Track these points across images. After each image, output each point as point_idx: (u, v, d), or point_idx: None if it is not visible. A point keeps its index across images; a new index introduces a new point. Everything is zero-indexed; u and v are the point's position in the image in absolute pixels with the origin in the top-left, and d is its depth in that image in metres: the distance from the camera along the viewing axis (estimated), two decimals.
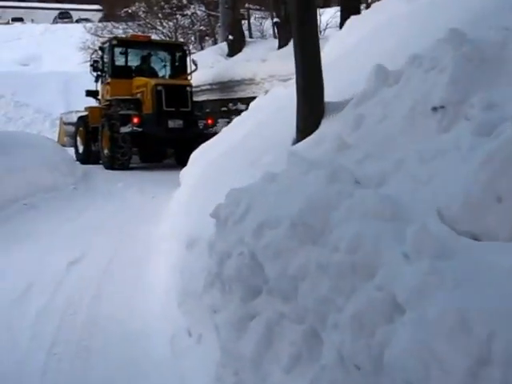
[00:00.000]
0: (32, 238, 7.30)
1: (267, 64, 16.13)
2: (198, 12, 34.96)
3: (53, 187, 10.54)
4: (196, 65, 15.92)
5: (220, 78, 17.76)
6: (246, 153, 5.07)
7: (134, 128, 14.13)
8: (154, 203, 9.37)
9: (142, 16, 37.97)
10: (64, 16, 67.68)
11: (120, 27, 37.57)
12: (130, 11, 39.79)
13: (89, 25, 47.77)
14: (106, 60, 16.40)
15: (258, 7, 32.64)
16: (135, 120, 14.14)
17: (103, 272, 5.79)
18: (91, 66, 16.57)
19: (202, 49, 32.41)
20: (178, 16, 36.19)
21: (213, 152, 6.56)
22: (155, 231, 7.17)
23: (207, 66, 18.19)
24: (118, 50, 16.37)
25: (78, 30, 47.63)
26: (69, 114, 19.50)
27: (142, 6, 39.30)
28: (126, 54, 16.55)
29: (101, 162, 15.27)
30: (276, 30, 21.19)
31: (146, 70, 16.23)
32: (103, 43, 17.85)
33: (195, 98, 15.74)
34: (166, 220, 7.46)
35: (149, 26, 36.98)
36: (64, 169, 11.54)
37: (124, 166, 14.60)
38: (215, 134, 16.75)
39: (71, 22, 64.26)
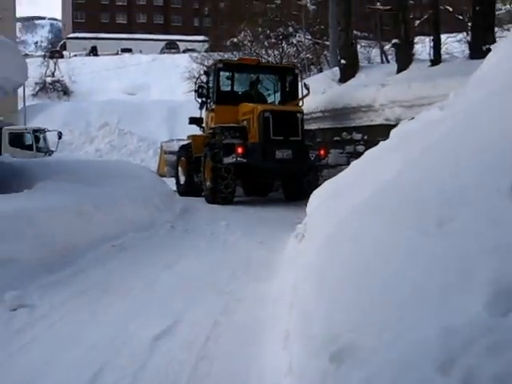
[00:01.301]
0: (115, 292, 5.90)
1: (387, 89, 14.39)
2: (304, 40, 34.16)
3: (147, 225, 9.24)
4: (308, 89, 14.54)
5: (333, 105, 16.17)
6: (411, 205, 3.40)
7: (238, 159, 13.06)
8: (263, 250, 7.80)
9: (248, 45, 37.65)
10: (171, 46, 69.37)
11: (225, 56, 37.65)
12: (235, 41, 39.66)
13: (195, 54, 48.07)
14: (211, 85, 15.42)
15: (365, 34, 31.24)
16: (239, 150, 13.05)
17: (198, 357, 4.23)
18: (195, 91, 15.64)
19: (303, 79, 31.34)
20: (283, 45, 35.51)
21: (348, 196, 4.88)
22: (268, 293, 5.58)
23: (318, 92, 16.69)
24: (223, 75, 15.49)
25: (184, 59, 48.05)
26: (170, 143, 18.97)
27: (247, 35, 39.01)
28: (232, 78, 15.71)
29: (203, 194, 14.18)
30: (392, 53, 19.56)
31: (253, 95, 15.11)
32: (208, 67, 16.84)
33: (305, 127, 14.21)
34: (281, 278, 5.88)
35: (254, 54, 36.73)
36: (161, 203, 10.26)
37: (227, 200, 13.45)
38: (327, 166, 15.44)
39: (178, 52, 65.40)
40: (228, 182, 13.28)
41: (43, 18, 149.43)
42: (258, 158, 13.09)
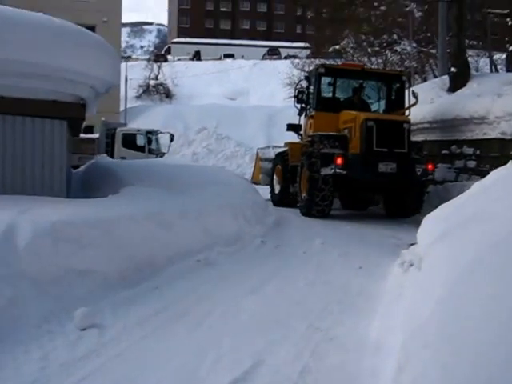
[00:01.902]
0: (189, 318, 5.25)
1: (504, 100, 13.07)
2: (409, 48, 33.04)
3: (236, 238, 8.53)
4: (416, 97, 13.35)
5: (442, 116, 14.95)
6: None
7: (337, 170, 12.10)
8: (362, 277, 6.90)
9: (350, 52, 36.84)
10: (273, 53, 69.32)
11: (327, 62, 37.09)
12: (337, 47, 38.87)
13: (296, 60, 47.54)
14: (311, 91, 14.49)
15: (474, 42, 29.59)
16: (338, 161, 12.10)
17: None
18: (295, 97, 14.79)
19: (411, 86, 30.25)
20: (387, 52, 34.43)
21: (482, 227, 3.90)
22: (366, 334, 4.72)
23: (426, 102, 15.49)
24: (325, 80, 14.44)
25: (285, 65, 47.57)
26: (266, 150, 18.09)
27: (350, 42, 38.15)
28: (334, 84, 14.64)
29: (298, 205, 13.43)
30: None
31: (356, 102, 14.03)
32: (309, 72, 16.09)
33: (412, 138, 13.11)
34: (382, 315, 5.01)
35: (356, 61, 36.00)
36: (252, 215, 9.53)
37: (323, 213, 12.63)
38: (433, 181, 14.28)
39: (279, 58, 65.16)
40: (325, 194, 12.40)
41: (151, 24, 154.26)
42: (358, 171, 12.17)
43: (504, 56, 27.77)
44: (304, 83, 15.30)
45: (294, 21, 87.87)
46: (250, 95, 51.66)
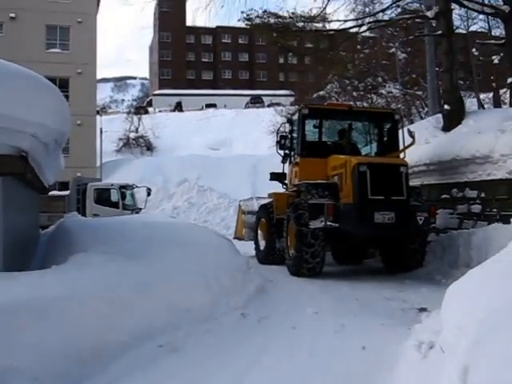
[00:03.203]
0: None
1: (510, 136, 11.77)
2: (394, 91, 32.55)
3: (209, 313, 6.95)
4: (413, 137, 12.04)
5: (439, 157, 13.56)
6: None
7: (328, 223, 10.77)
8: (367, 363, 5.34)
9: (335, 97, 36.45)
10: (256, 101, 68.89)
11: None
12: (321, 94, 38.31)
13: (280, 108, 46.86)
14: (295, 135, 13.17)
15: (461, 82, 28.88)
16: (329, 212, 10.80)
17: None
18: (277, 142, 13.52)
19: (403, 125, 29.66)
20: (372, 96, 33.90)
21: None
22: None
23: (421, 142, 14.15)
24: (310, 122, 13.16)
25: (268, 113, 46.79)
26: (249, 201, 16.81)
27: (334, 86, 37.62)
28: (320, 126, 13.40)
29: (286, 262, 11.97)
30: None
31: (345, 146, 12.64)
32: (292, 114, 14.65)
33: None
34: None
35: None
36: (230, 282, 7.95)
37: (314, 272, 11.20)
38: (434, 229, 12.85)
39: (263, 106, 64.54)
40: (315, 250, 10.96)
41: (134, 78, 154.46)
42: (352, 223, 10.81)
43: (491, 95, 27.08)
44: (287, 127, 14.00)
45: (277, 69, 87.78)
46: (234, 145, 50.50)
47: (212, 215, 29.10)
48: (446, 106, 15.63)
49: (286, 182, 13.71)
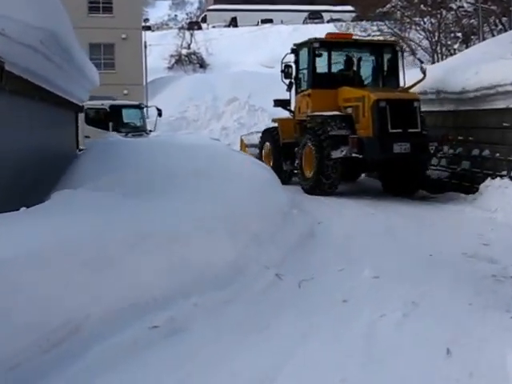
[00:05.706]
0: None
1: None
2: (465, 5, 29.68)
3: (230, 275, 5.14)
4: (424, 73, 12.76)
5: None
6: None
7: (353, 155, 11.81)
8: (453, 373, 3.50)
9: (399, 13, 33.92)
10: (315, 16, 65.27)
11: (375, 24, 34.24)
12: (384, 10, 35.59)
13: (340, 23, 43.93)
14: (301, 66, 14.16)
15: None
16: (354, 144, 11.80)
17: None
18: (282, 71, 14.29)
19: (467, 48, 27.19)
20: (441, 10, 31.14)
21: None
22: None
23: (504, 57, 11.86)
24: (319, 54, 13.76)
25: (328, 29, 43.68)
26: (250, 136, 17.78)
27: (399, 1, 34.89)
28: (329, 58, 13.86)
29: (300, 183, 13.23)
30: None
31: (352, 77, 13.69)
32: (297, 45, 14.51)
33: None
34: None
35: (405, 23, 33.13)
36: (264, 228, 6.14)
37: (329, 192, 12.35)
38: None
39: (322, 22, 61.08)
40: (333, 179, 12.24)
41: None
42: (375, 153, 11.89)
43: None
44: (292, 57, 14.49)
45: None
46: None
47: None
48: None
49: (289, 108, 14.61)
